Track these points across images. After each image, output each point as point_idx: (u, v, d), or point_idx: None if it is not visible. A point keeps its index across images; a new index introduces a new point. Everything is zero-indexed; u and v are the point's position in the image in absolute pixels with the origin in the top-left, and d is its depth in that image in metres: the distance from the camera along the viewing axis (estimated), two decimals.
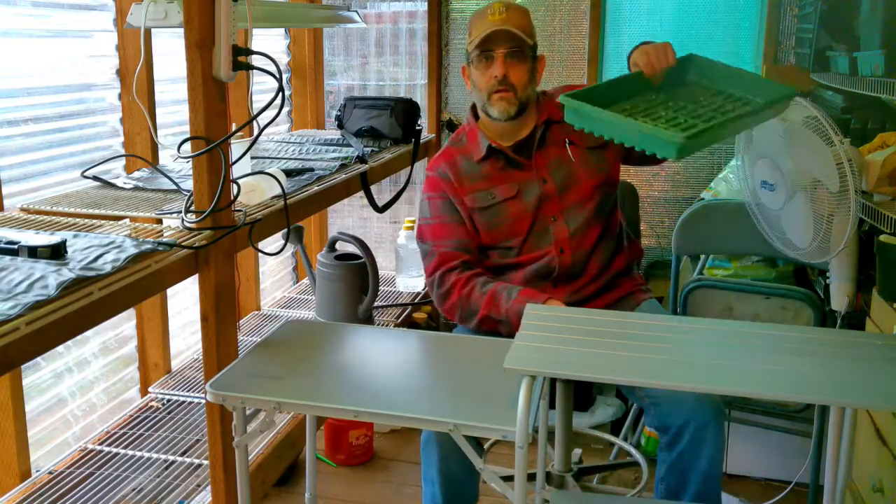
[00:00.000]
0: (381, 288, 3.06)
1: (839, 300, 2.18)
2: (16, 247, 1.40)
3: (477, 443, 1.86)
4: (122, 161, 2.16)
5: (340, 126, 2.90)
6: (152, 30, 1.96)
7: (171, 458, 1.93)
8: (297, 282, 3.28)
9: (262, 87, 2.52)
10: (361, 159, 2.46)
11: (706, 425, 1.74)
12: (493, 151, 2.02)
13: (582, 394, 2.02)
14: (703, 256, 2.51)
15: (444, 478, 1.85)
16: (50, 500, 1.72)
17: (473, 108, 2.09)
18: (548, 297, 1.89)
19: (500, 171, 2.02)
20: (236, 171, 1.76)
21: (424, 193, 2.08)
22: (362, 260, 2.57)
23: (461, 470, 1.84)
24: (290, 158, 2.43)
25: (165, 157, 2.26)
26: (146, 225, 1.72)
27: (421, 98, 3.12)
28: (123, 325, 2.23)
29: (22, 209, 1.78)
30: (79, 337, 1.61)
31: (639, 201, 2.44)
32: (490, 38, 1.93)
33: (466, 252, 2.00)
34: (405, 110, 2.82)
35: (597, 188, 2.02)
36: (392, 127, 2.79)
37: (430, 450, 1.85)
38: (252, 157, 2.22)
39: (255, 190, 1.86)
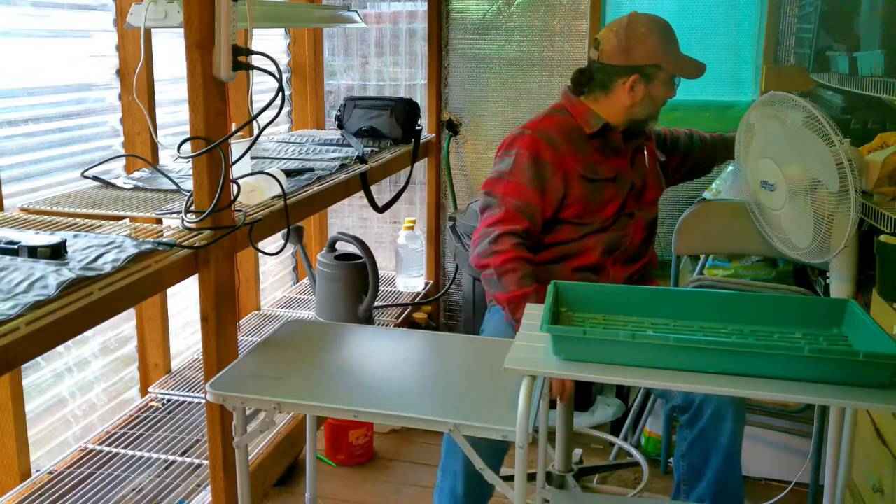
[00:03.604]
0: (381, 288, 3.06)
1: None
2: (16, 247, 1.40)
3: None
4: (122, 161, 2.16)
5: (340, 126, 2.90)
6: (152, 30, 1.96)
7: (171, 458, 1.93)
8: (297, 282, 3.28)
9: (262, 87, 2.52)
10: (361, 159, 2.45)
11: (727, 402, 1.81)
12: (608, 129, 2.05)
13: (582, 394, 2.02)
14: (702, 256, 2.51)
15: (467, 472, 1.87)
16: (50, 500, 1.72)
17: (570, 86, 2.10)
18: None
19: (605, 152, 2.06)
20: (236, 171, 1.76)
21: (513, 149, 2.00)
22: (362, 260, 2.57)
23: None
24: (290, 158, 2.43)
25: (165, 157, 2.26)
26: (146, 225, 1.71)
27: (421, 98, 3.12)
28: (123, 325, 2.23)
29: (22, 209, 1.78)
30: (79, 337, 1.61)
31: None
32: (699, 71, 2.03)
33: (531, 220, 1.95)
34: (405, 110, 2.82)
35: (656, 201, 2.18)
36: (392, 127, 2.79)
37: (455, 444, 1.85)
38: (252, 157, 2.22)
39: (255, 190, 1.86)
